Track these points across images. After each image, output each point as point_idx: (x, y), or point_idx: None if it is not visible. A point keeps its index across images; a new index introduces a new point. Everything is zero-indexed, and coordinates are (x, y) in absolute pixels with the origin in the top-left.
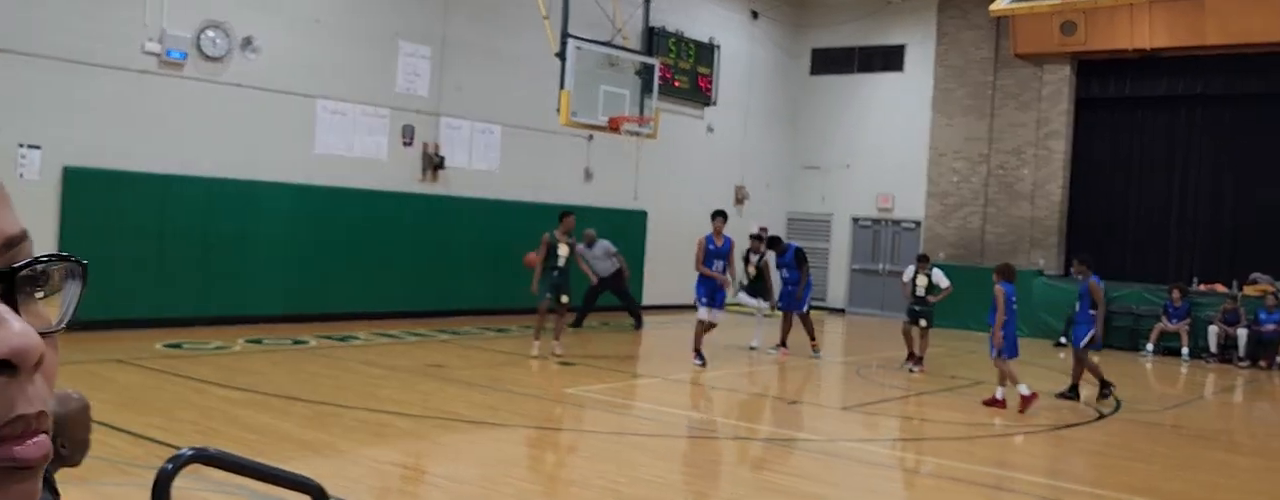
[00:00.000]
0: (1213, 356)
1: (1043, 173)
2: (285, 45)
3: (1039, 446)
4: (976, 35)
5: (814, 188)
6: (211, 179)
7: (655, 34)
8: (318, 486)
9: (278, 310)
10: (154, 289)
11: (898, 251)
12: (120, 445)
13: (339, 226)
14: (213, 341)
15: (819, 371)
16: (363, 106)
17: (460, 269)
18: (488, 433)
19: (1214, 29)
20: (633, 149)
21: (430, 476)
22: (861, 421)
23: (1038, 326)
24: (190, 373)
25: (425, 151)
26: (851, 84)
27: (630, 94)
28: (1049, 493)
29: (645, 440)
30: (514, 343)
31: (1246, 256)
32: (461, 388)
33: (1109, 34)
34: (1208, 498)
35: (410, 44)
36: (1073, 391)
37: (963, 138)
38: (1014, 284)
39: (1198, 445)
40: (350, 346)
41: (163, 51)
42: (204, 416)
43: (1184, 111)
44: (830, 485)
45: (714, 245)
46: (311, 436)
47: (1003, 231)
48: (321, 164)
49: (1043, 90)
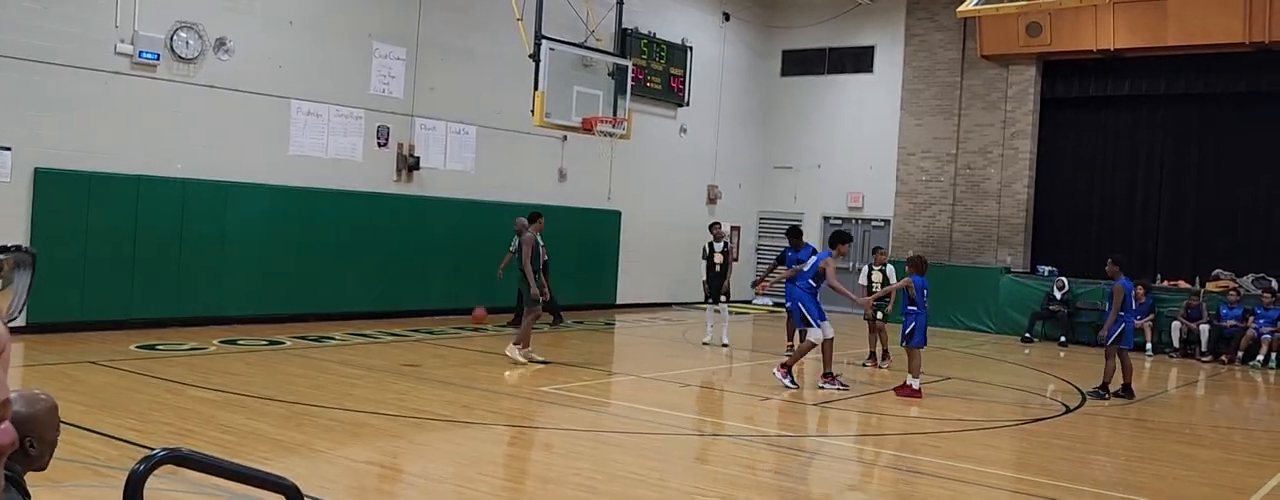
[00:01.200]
0: (1176, 351)
1: (1009, 172)
2: (259, 46)
3: (1005, 441)
4: (944, 37)
5: (785, 187)
6: (185, 180)
7: (628, 35)
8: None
9: (253, 311)
10: (127, 290)
11: (868, 249)
12: (94, 447)
13: (314, 227)
14: (187, 342)
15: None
16: (337, 107)
17: (435, 269)
18: (463, 431)
19: (1174, 30)
20: (606, 149)
21: (406, 475)
22: (832, 417)
23: (1004, 323)
24: (165, 374)
25: (400, 152)
26: (822, 85)
27: (604, 95)
28: (1014, 486)
29: (620, 437)
30: (489, 341)
31: (1208, 253)
32: (437, 387)
33: (1073, 35)
34: (1170, 490)
35: (385, 45)
36: (1125, 390)
37: (931, 137)
38: (925, 277)
39: (1161, 438)
40: (326, 347)
41: (135, 52)
42: (179, 417)
43: (1146, 111)
44: (802, 481)
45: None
46: (287, 436)
47: (970, 230)
48: (296, 165)
49: (1009, 91)
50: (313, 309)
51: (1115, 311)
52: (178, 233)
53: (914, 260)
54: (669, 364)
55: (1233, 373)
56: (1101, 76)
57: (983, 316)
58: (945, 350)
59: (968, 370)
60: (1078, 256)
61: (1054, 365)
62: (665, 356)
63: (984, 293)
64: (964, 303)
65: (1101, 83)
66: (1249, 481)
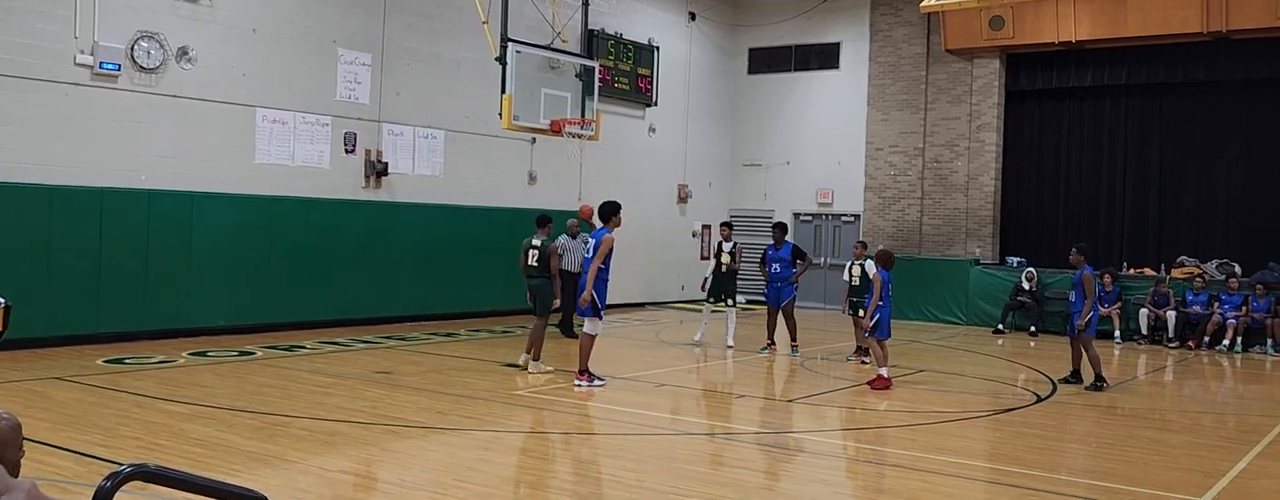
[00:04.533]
0: (1143, 338)
1: (976, 164)
2: (222, 55)
3: (979, 431)
4: (909, 32)
5: (755, 184)
6: (150, 191)
7: (595, 36)
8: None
9: (222, 322)
10: (93, 304)
11: (839, 245)
12: (61, 464)
13: (282, 236)
14: (156, 356)
15: (764, 365)
16: (303, 115)
17: (407, 275)
18: (438, 437)
19: (1134, 21)
20: (576, 151)
21: (381, 484)
22: (808, 413)
23: (975, 314)
24: (133, 388)
25: (368, 158)
26: (789, 82)
27: (572, 96)
28: (989, 476)
29: (596, 439)
30: (462, 347)
31: (1173, 240)
32: (410, 393)
33: (1035, 28)
34: (1141, 475)
35: (350, 51)
36: (1075, 376)
37: (898, 132)
38: (891, 271)
39: (1132, 425)
40: (297, 356)
41: (95, 63)
42: (148, 432)
43: (1109, 101)
44: (777, 476)
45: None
46: (259, 448)
47: (939, 223)
48: (263, 173)
49: (974, 84)
50: (283, 318)
51: (1090, 301)
52: (144, 245)
53: (882, 254)
54: (644, 364)
55: (1200, 358)
56: (1064, 68)
57: (954, 308)
58: (917, 343)
59: (940, 362)
60: (1046, 247)
61: (1025, 355)
62: (640, 357)
63: (954, 285)
64: (935, 295)
65: (1064, 74)
66: (1219, 465)
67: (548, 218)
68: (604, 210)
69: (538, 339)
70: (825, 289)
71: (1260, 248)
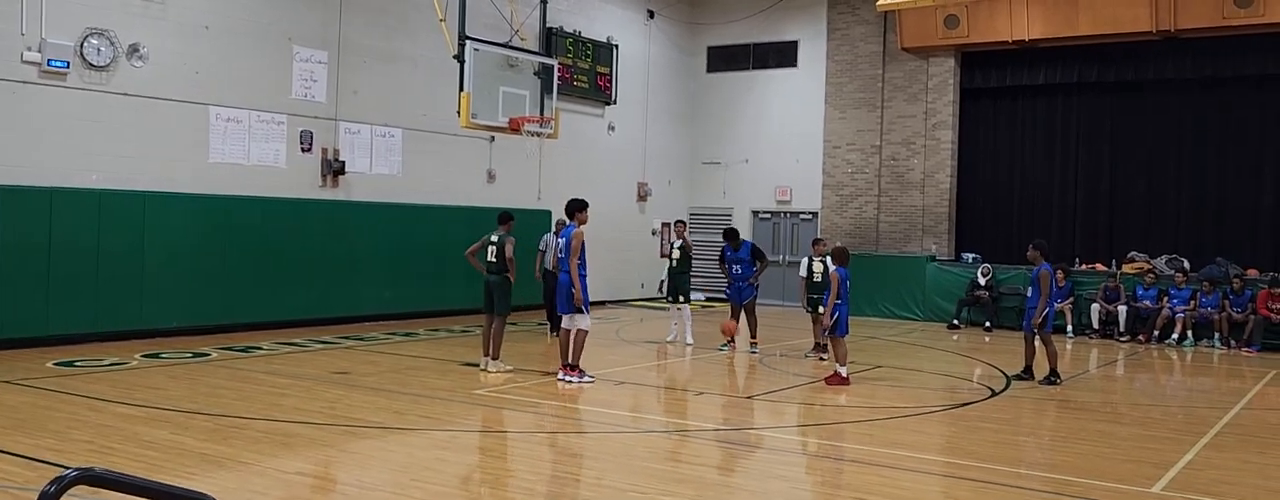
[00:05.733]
0: (1095, 332)
1: (932, 162)
2: (174, 52)
3: (934, 426)
4: (865, 30)
5: (714, 182)
6: (102, 191)
7: (553, 35)
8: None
9: (176, 323)
10: (42, 306)
11: (797, 242)
12: (9, 469)
13: (237, 235)
14: (108, 358)
15: (724, 362)
16: (258, 113)
17: (364, 274)
18: (396, 438)
19: (1085, 20)
20: (535, 149)
21: (339, 485)
22: (766, 409)
23: (931, 310)
24: (85, 390)
25: (324, 157)
26: (747, 80)
27: (530, 95)
28: (945, 470)
29: (556, 438)
30: (421, 346)
31: (1124, 236)
32: (368, 393)
33: (990, 27)
34: (1093, 467)
35: (305, 49)
36: (1027, 373)
37: (855, 130)
38: (848, 268)
39: (1083, 418)
40: (253, 357)
41: (43, 61)
42: (99, 435)
43: (1061, 99)
44: (736, 473)
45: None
46: (214, 450)
47: (896, 220)
48: (217, 172)
49: (929, 82)
50: (238, 319)
51: (1046, 297)
52: (95, 245)
53: (838, 251)
54: (604, 362)
55: (1150, 352)
56: (1017, 67)
57: (910, 304)
58: (875, 339)
59: (897, 358)
60: (1000, 243)
61: (980, 350)
62: (599, 355)
63: (911, 281)
64: (892, 291)
65: (1018, 73)
66: (1168, 456)
67: (510, 215)
68: (570, 207)
69: (496, 337)
70: (784, 286)
71: (1208, 243)
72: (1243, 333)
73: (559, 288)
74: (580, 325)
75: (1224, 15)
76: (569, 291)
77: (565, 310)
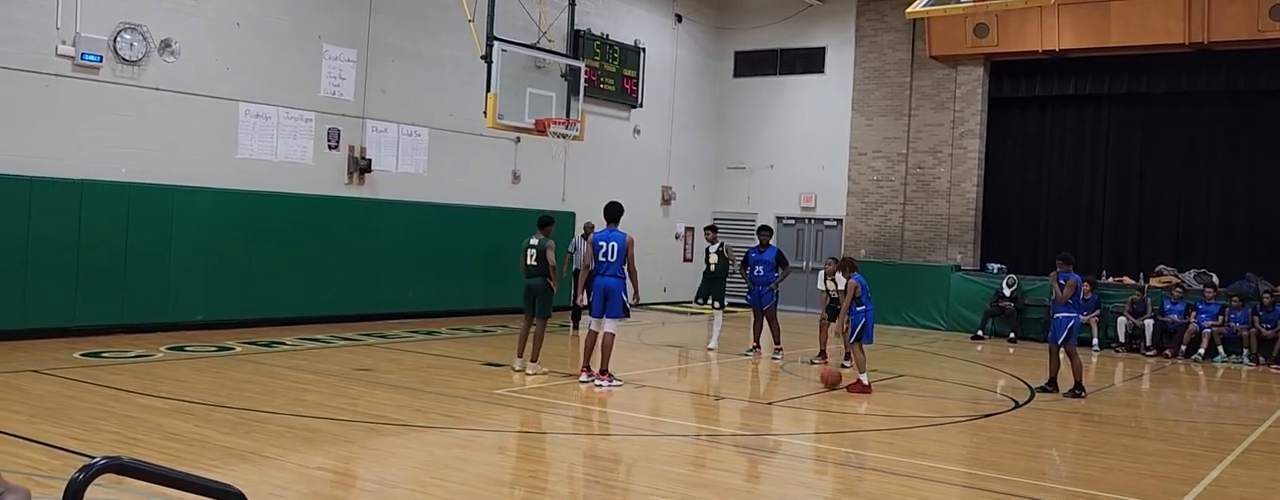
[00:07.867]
0: (1121, 346)
1: (959, 171)
2: (206, 48)
3: (957, 436)
4: (894, 38)
5: (739, 188)
6: (130, 184)
7: (581, 37)
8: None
9: (201, 317)
10: (71, 297)
11: (820, 249)
12: (35, 457)
13: (264, 231)
14: (133, 350)
15: (745, 368)
16: (287, 110)
17: (388, 272)
18: (417, 435)
19: (1117, 31)
20: (560, 151)
21: (360, 481)
22: (787, 416)
23: (955, 320)
24: (110, 382)
25: (351, 154)
26: (774, 86)
27: (557, 96)
28: (966, 481)
29: (577, 439)
30: (443, 345)
31: (1152, 250)
32: (390, 391)
33: (1020, 36)
34: (1117, 481)
35: (334, 47)
36: (1051, 384)
37: (882, 137)
38: (861, 274)
39: (1107, 432)
40: (276, 352)
41: (77, 54)
42: (124, 426)
43: (1091, 110)
44: (756, 479)
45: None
46: (236, 443)
47: (921, 229)
48: (245, 168)
49: (957, 91)
50: (263, 314)
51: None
52: (123, 238)
53: (844, 262)
54: (626, 365)
55: (1176, 367)
56: (1047, 76)
57: (934, 314)
58: (898, 348)
59: (920, 367)
60: (1026, 254)
61: (1004, 361)
62: (622, 358)
63: (935, 291)
64: (915, 300)
65: (1047, 82)
66: (1193, 473)
67: (550, 219)
68: (617, 211)
69: (537, 340)
70: (807, 293)
71: (1238, 258)
72: (1272, 349)
73: (597, 290)
74: (609, 329)
75: (1259, 28)
76: (617, 296)
77: (611, 313)
